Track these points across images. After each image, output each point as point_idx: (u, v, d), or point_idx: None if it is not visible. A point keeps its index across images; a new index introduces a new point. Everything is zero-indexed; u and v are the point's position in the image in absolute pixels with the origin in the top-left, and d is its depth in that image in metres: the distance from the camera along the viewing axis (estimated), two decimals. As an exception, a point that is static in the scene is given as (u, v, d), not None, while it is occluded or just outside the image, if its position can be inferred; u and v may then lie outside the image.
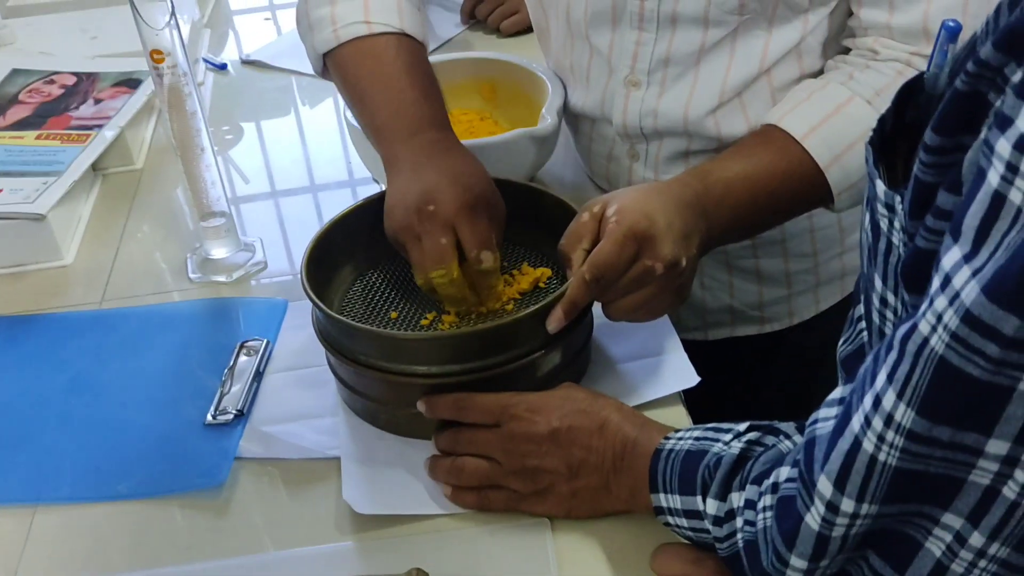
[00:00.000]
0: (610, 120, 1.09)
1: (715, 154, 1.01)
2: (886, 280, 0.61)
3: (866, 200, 0.64)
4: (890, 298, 0.62)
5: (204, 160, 1.07)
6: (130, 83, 1.39)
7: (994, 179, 0.47)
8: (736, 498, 0.68)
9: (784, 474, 0.63)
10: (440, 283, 0.87)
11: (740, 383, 1.23)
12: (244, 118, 1.47)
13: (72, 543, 0.84)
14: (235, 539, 0.83)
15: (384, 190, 0.93)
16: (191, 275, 1.12)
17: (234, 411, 0.92)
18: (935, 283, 0.50)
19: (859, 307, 0.70)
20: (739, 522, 0.67)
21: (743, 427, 0.73)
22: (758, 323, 1.21)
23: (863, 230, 0.65)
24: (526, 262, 0.98)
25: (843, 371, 0.71)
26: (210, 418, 0.92)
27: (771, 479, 0.65)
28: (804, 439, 0.60)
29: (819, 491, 0.56)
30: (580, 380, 0.91)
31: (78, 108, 1.34)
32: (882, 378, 0.52)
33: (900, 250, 0.59)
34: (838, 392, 0.62)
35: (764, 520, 0.63)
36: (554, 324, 0.84)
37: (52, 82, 1.40)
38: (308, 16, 1.04)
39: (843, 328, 0.74)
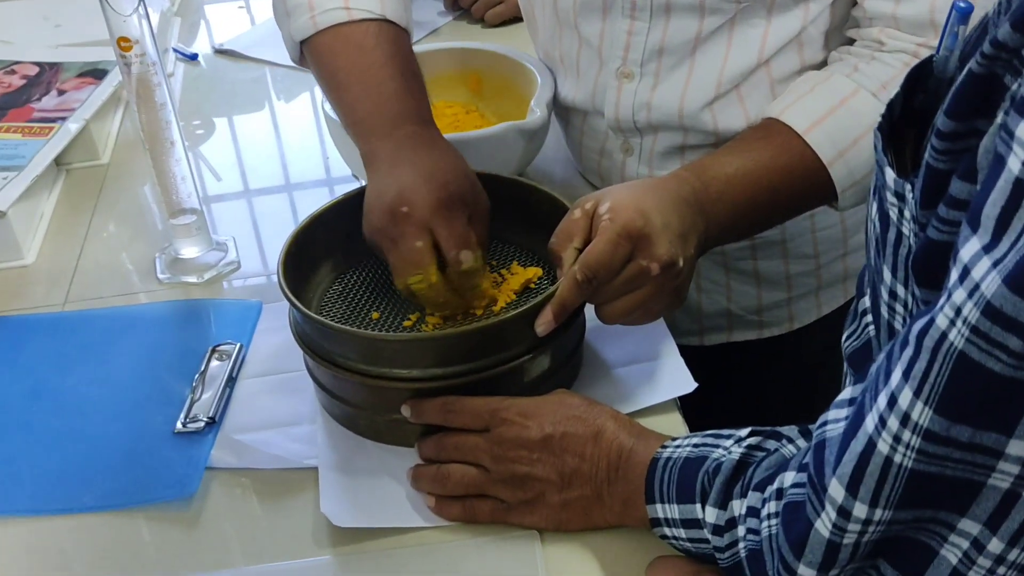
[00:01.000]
0: (602, 113, 1.09)
1: (712, 149, 1.01)
2: (895, 272, 0.61)
3: (873, 189, 0.64)
4: (900, 291, 0.61)
5: (174, 154, 1.06)
6: (95, 73, 1.38)
7: (1015, 166, 0.47)
8: (737, 505, 0.68)
9: (790, 479, 0.63)
10: (419, 289, 0.87)
11: (738, 390, 1.23)
12: (216, 112, 1.47)
13: (33, 558, 0.83)
14: (206, 554, 0.82)
15: (365, 185, 0.92)
16: (160, 276, 1.11)
17: (205, 419, 0.91)
18: (953, 275, 0.50)
19: (864, 300, 0.70)
20: (741, 531, 0.67)
21: (744, 432, 0.73)
22: (757, 328, 1.21)
23: (870, 220, 0.65)
24: (516, 261, 0.98)
25: (850, 368, 0.71)
26: (180, 426, 0.91)
27: (775, 484, 0.64)
28: (813, 442, 0.60)
29: (830, 496, 0.56)
30: (571, 385, 0.91)
31: (40, 100, 1.33)
32: (897, 375, 0.52)
33: (911, 241, 0.59)
34: (848, 392, 0.62)
35: (769, 528, 0.63)
36: (543, 326, 0.84)
37: (13, 72, 1.39)
38: (285, 1, 1.04)
39: (845, 325, 0.74)
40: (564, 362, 0.90)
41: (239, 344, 1.00)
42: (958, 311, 0.49)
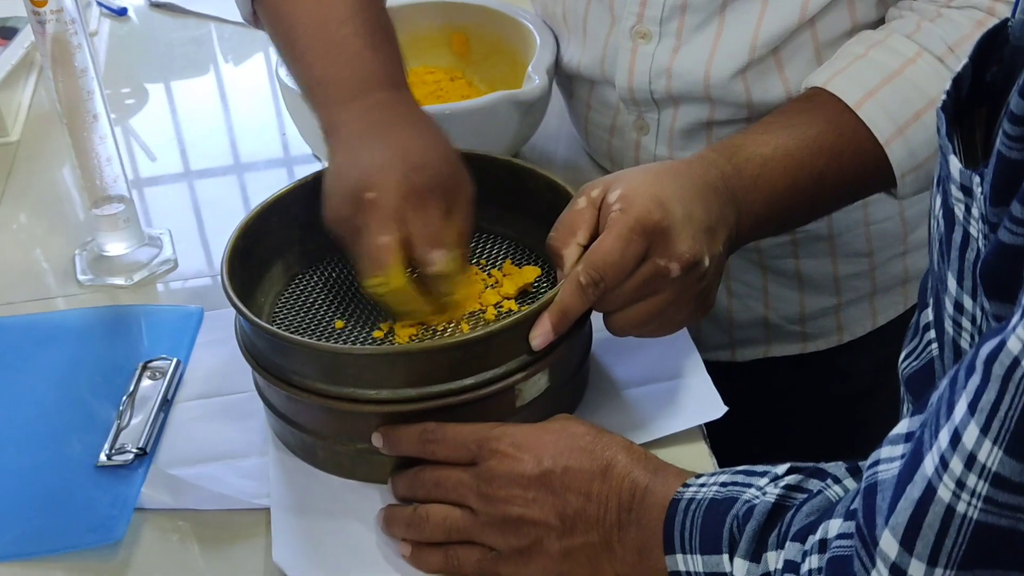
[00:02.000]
0: (613, 82, 1.09)
1: (744, 126, 1.01)
2: (961, 281, 0.61)
3: (937, 180, 0.64)
4: (967, 303, 0.62)
5: (97, 130, 1.06)
6: (3, 32, 1.38)
7: None
8: (773, 558, 0.68)
9: (835, 528, 0.63)
10: (380, 293, 0.87)
11: (775, 416, 1.23)
12: (150, 78, 1.47)
13: (-73, 617, 0.83)
14: (135, 612, 0.82)
15: (325, 168, 0.93)
16: (80, 277, 1.11)
17: (134, 449, 0.91)
18: None
19: (927, 312, 0.70)
20: (777, 589, 0.67)
21: (782, 469, 0.73)
22: (799, 340, 1.21)
23: (933, 217, 0.65)
24: (509, 259, 0.98)
25: (909, 395, 0.71)
26: (104, 458, 0.91)
27: (818, 535, 0.65)
28: (863, 485, 0.60)
29: (882, 551, 0.56)
30: (574, 410, 0.91)
31: (-63, 64, 1.33)
32: (962, 408, 0.52)
33: (979, 244, 0.59)
34: (905, 425, 0.62)
35: (810, 586, 0.63)
36: (539, 338, 0.84)
37: (-96, 31, 1.39)
38: (232, -54, 1.04)
39: (904, 341, 0.74)
40: (566, 382, 0.90)
41: (175, 359, 1.00)
42: None
